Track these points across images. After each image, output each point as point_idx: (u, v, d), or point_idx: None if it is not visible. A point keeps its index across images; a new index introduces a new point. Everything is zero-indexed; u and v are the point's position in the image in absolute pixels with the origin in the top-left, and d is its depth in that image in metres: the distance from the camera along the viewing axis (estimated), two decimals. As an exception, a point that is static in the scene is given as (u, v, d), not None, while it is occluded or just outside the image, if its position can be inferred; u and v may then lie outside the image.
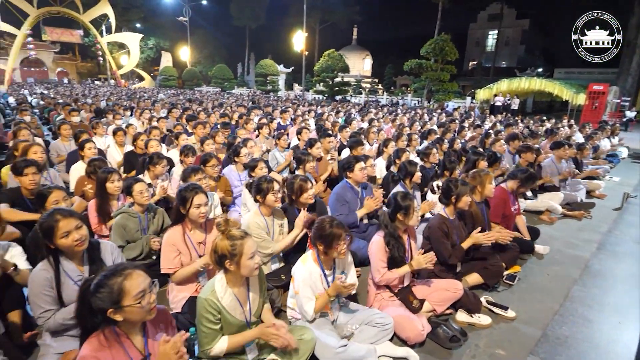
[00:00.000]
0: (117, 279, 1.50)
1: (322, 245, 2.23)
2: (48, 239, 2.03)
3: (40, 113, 12.00)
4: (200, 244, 2.59)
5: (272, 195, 2.82)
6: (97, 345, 1.53)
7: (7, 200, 3.32)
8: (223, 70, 37.22)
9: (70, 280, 2.10)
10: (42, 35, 39.62)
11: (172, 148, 5.42)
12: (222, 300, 1.97)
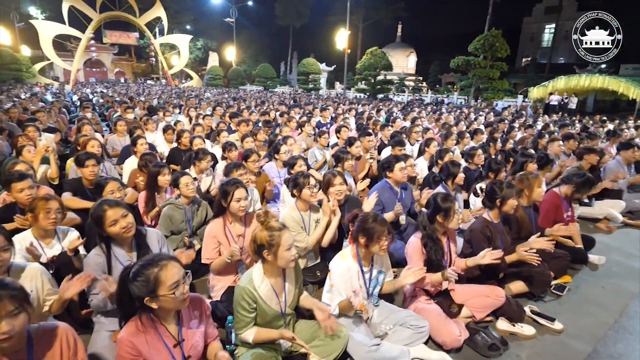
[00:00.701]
0: (153, 269, 1.58)
1: (363, 238, 2.22)
2: (99, 227, 2.21)
3: (100, 110, 13.01)
4: (239, 237, 2.69)
5: (308, 189, 2.86)
6: (134, 329, 1.64)
7: (70, 189, 3.64)
8: (266, 69, 38.09)
9: (120, 265, 2.27)
10: (103, 38, 42.96)
11: (216, 144, 5.65)
12: (258, 289, 2.04)
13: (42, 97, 15.33)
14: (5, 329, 1.36)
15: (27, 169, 3.41)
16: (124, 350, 1.59)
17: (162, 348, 1.67)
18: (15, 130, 6.94)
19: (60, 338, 1.59)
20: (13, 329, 1.38)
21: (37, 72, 31.93)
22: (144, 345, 1.63)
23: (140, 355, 1.62)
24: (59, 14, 32.70)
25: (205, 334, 1.87)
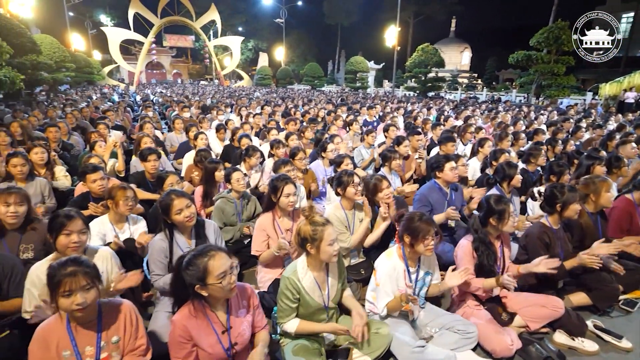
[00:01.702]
0: (203, 258, 1.67)
1: (409, 237, 2.19)
2: (165, 214, 2.40)
3: (159, 109, 13.97)
4: (287, 231, 2.77)
5: (352, 187, 2.86)
6: (187, 314, 1.75)
7: (134, 181, 3.97)
8: (314, 69, 38.41)
9: (180, 251, 2.45)
10: (163, 42, 46.00)
11: (265, 142, 5.83)
12: (302, 280, 2.09)
13: (110, 97, 16.79)
14: (79, 301, 1.55)
15: (99, 162, 3.78)
16: (177, 332, 1.71)
17: (211, 333, 1.76)
18: (88, 127, 7.69)
19: (125, 314, 1.76)
20: (85, 301, 1.56)
21: (106, 75, 34.92)
22: (195, 330, 1.73)
23: (191, 338, 1.73)
24: (125, 21, 35.54)
25: (252, 323, 1.94)
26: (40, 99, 14.04)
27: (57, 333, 1.63)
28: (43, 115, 8.21)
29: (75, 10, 35.42)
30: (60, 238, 2.12)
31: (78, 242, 2.16)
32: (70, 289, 1.54)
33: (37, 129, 6.58)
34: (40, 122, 7.28)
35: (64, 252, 2.15)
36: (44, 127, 6.14)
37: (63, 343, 1.62)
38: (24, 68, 12.20)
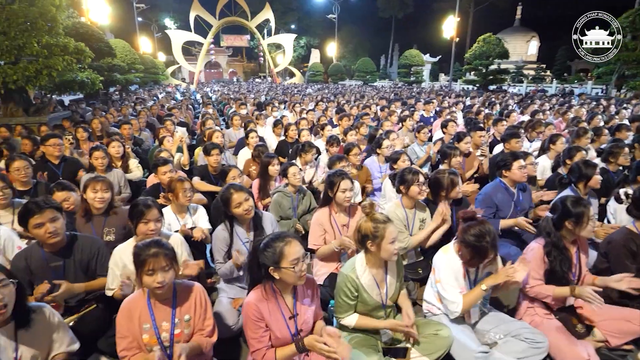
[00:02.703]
0: (280, 243, 1.75)
1: (470, 253, 2.09)
2: (225, 207, 2.53)
3: (217, 106, 14.68)
4: (344, 226, 2.78)
5: (417, 186, 2.79)
6: (259, 295, 1.83)
7: (198, 174, 4.22)
8: (366, 64, 37.90)
9: (240, 241, 2.57)
10: (220, 42, 48.14)
11: (318, 138, 5.89)
12: (360, 278, 2.09)
13: (174, 96, 17.97)
14: (159, 279, 1.71)
15: (168, 156, 4.07)
16: (250, 312, 1.79)
17: (279, 317, 1.83)
18: (155, 123, 8.32)
19: (196, 295, 1.89)
20: (165, 280, 1.72)
21: (169, 75, 37.41)
22: (266, 312, 1.81)
23: (262, 319, 1.80)
24: (187, 23, 37.79)
25: (314, 312, 1.99)
26: (115, 98, 15.43)
27: (139, 307, 1.80)
28: (117, 113, 9.02)
29: (144, 16, 38.33)
30: (139, 225, 2.34)
31: (154, 229, 2.36)
32: (153, 268, 1.69)
33: (113, 125, 7.24)
34: (115, 119, 8.00)
35: (143, 237, 2.35)
36: (119, 123, 6.75)
37: (144, 317, 1.78)
38: (101, 70, 13.48)
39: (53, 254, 2.32)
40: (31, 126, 6.92)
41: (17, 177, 3.50)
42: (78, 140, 5.59)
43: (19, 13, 6.49)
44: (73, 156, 4.77)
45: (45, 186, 3.68)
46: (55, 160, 4.37)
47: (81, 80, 8.54)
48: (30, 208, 2.20)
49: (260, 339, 1.80)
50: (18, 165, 3.53)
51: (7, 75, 6.55)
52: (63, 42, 7.52)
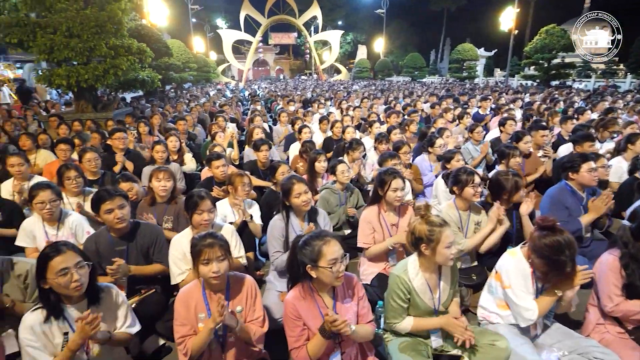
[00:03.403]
0: (318, 242, 1.74)
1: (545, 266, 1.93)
2: (285, 197, 2.59)
3: (265, 103, 15.02)
4: (393, 226, 2.71)
5: (472, 188, 2.65)
6: (298, 294, 1.83)
7: (248, 169, 4.33)
8: (415, 59, 36.67)
9: (294, 233, 2.61)
10: (268, 40, 49.18)
11: (365, 135, 5.81)
12: (413, 281, 2.02)
13: (224, 93, 18.69)
14: (215, 269, 1.77)
15: (221, 150, 4.22)
16: (289, 310, 1.81)
17: (318, 316, 1.81)
18: (207, 119, 8.70)
19: (247, 287, 1.94)
20: (219, 270, 1.78)
21: (220, 73, 38.92)
22: (304, 310, 1.81)
23: (300, 317, 1.81)
24: (237, 23, 39.05)
25: (357, 314, 1.94)
26: (171, 96, 16.36)
27: (195, 297, 1.88)
28: (173, 109, 9.54)
29: (197, 17, 40.13)
30: (194, 216, 2.45)
31: (208, 220, 2.46)
32: (208, 258, 1.76)
33: (169, 121, 7.67)
34: (171, 116, 8.47)
35: (198, 227, 2.46)
36: (175, 119, 7.13)
37: (200, 307, 1.86)
38: (159, 69, 14.32)
39: (119, 238, 2.51)
40: (99, 121, 7.52)
41: (87, 168, 3.82)
42: (140, 135, 6.00)
43: (90, 17, 7.06)
44: (136, 149, 5.11)
45: (111, 176, 3.99)
46: (120, 152, 4.71)
47: (142, 78, 9.12)
48: (103, 195, 2.39)
49: (298, 337, 1.80)
50: (89, 156, 3.85)
51: (80, 75, 7.16)
52: (127, 43, 8.08)
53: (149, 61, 9.17)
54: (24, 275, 2.22)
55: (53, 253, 1.69)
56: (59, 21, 6.86)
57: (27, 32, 6.81)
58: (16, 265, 2.22)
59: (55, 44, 6.85)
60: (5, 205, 3.30)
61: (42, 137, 5.34)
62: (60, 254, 1.69)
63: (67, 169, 3.29)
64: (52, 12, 7.07)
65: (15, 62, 21.54)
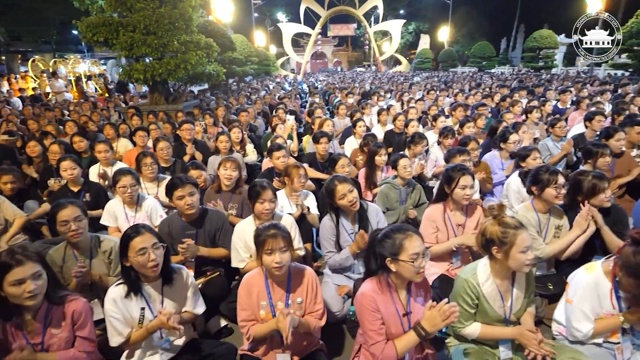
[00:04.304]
0: (400, 235, 1.68)
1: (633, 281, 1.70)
2: (330, 198, 2.54)
3: (322, 96, 15.05)
4: (459, 226, 2.56)
5: (554, 189, 2.39)
6: (374, 286, 1.78)
7: (307, 161, 4.37)
8: (484, 48, 34.09)
9: (345, 232, 2.58)
10: (328, 32, 49.10)
11: (428, 129, 5.55)
12: (482, 286, 1.89)
13: (282, 86, 19.08)
14: (277, 260, 1.79)
15: (282, 142, 4.30)
16: (367, 303, 1.74)
17: (393, 312, 1.76)
18: (267, 112, 8.94)
19: (308, 279, 1.95)
20: (282, 261, 1.80)
21: (279, 66, 39.78)
22: (381, 304, 1.76)
23: (379, 310, 1.75)
24: (297, 16, 39.48)
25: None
26: (233, 89, 17.09)
27: (258, 285, 1.93)
28: (235, 102, 9.94)
29: (259, 11, 41.33)
30: (256, 205, 2.52)
31: (269, 209, 2.51)
32: (271, 248, 1.79)
33: (232, 113, 8.01)
34: (234, 108, 8.84)
35: (260, 216, 2.53)
36: (237, 111, 7.42)
37: (262, 294, 1.91)
38: (224, 63, 15.00)
39: (189, 223, 2.67)
40: (170, 113, 8.08)
41: (160, 155, 4.11)
42: (206, 126, 6.34)
43: (165, 15, 7.57)
44: (202, 140, 5.41)
45: (181, 164, 4.26)
46: (188, 142, 5.01)
47: (208, 72, 9.60)
48: (175, 183, 2.55)
49: (379, 331, 1.73)
50: (162, 145, 4.14)
51: (155, 69, 7.73)
52: (196, 39, 8.54)
53: (215, 55, 9.62)
54: (108, 252, 2.45)
55: (133, 234, 1.84)
56: (138, 20, 7.44)
57: (111, 31, 7.47)
58: (102, 242, 2.46)
59: (135, 41, 7.45)
60: (92, 187, 3.67)
61: (122, 127, 5.89)
62: (139, 235, 1.83)
63: (144, 156, 3.57)
64: (132, 12, 7.69)
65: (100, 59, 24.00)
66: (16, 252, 1.68)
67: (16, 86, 15.65)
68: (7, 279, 1.63)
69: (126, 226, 2.97)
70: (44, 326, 1.77)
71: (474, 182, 2.50)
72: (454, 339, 2.06)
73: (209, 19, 17.10)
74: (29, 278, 1.65)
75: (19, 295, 1.64)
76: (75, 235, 2.29)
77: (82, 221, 2.33)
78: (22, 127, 7.06)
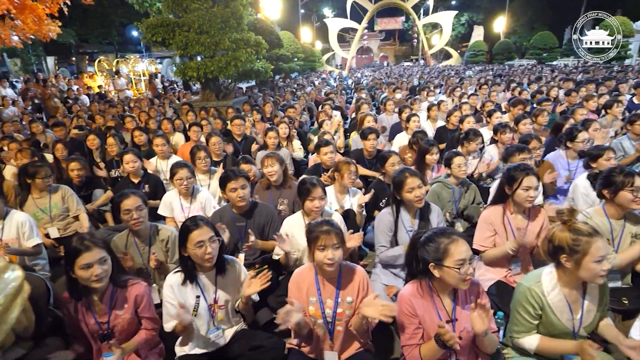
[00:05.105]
0: (445, 239, 1.61)
1: None
2: (396, 191, 2.48)
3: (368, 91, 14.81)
4: (519, 230, 2.37)
5: (630, 192, 2.15)
6: (414, 291, 1.73)
7: (354, 158, 4.29)
8: (545, 38, 31.31)
9: (404, 228, 2.51)
10: (374, 26, 48.19)
11: (482, 126, 5.25)
12: (547, 295, 1.74)
13: (328, 81, 19.06)
14: (330, 256, 1.78)
15: (330, 138, 4.28)
16: (404, 306, 1.72)
17: (435, 318, 1.70)
18: (313, 108, 8.97)
19: (359, 278, 1.92)
20: (334, 257, 1.78)
21: (324, 62, 39.72)
22: (421, 309, 1.71)
23: (415, 315, 1.71)
24: (343, 11, 39.16)
25: None
26: (280, 85, 17.38)
27: (308, 280, 1.92)
28: (282, 98, 10.09)
29: (305, 7, 41.59)
30: (306, 202, 2.52)
31: (319, 207, 2.51)
32: (324, 244, 1.77)
33: (279, 109, 8.13)
34: (280, 104, 8.97)
35: (309, 214, 2.53)
36: (284, 107, 7.52)
37: (311, 290, 1.90)
38: (272, 60, 15.27)
39: (240, 215, 2.75)
40: (220, 109, 8.39)
41: (213, 150, 4.27)
42: (254, 122, 6.49)
43: (217, 14, 7.84)
44: (251, 135, 5.55)
45: (232, 159, 4.39)
46: (238, 137, 5.16)
47: (257, 69, 9.83)
48: (229, 175, 2.63)
49: (412, 335, 1.72)
50: (214, 140, 4.30)
51: (207, 67, 8.05)
52: (246, 36, 8.76)
53: (263, 52, 9.81)
54: (165, 240, 2.58)
55: (192, 226, 1.91)
56: (192, 20, 7.78)
57: (168, 31, 7.88)
58: (160, 231, 2.60)
59: (189, 40, 7.80)
60: (151, 179, 3.90)
61: (177, 122, 6.21)
62: (198, 228, 1.90)
63: (198, 150, 3.73)
64: (187, 12, 8.05)
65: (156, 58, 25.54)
66: (85, 238, 1.83)
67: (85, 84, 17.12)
68: (77, 262, 1.77)
69: (181, 216, 3.15)
70: (109, 307, 1.90)
71: (538, 183, 2.31)
72: (513, 350, 1.92)
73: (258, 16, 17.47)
74: (96, 263, 1.79)
75: (87, 278, 1.78)
76: (136, 223, 2.44)
77: (143, 210, 2.48)
78: (90, 122, 7.69)
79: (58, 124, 5.92)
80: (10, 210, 2.88)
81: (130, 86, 16.66)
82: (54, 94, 11.42)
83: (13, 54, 20.32)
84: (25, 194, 3.43)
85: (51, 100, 10.59)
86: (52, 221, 3.44)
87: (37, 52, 21.39)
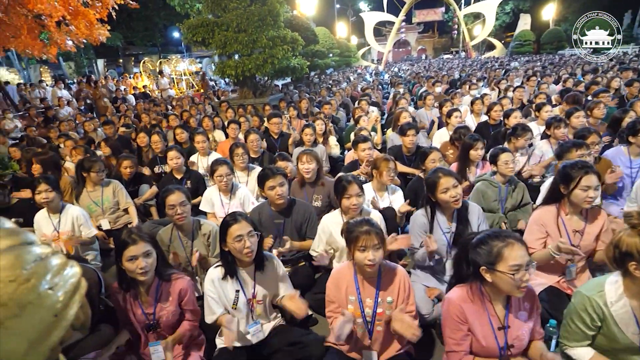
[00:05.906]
0: (499, 242, 1.51)
1: None
2: (430, 192, 2.36)
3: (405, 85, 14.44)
4: (575, 232, 2.21)
5: None
6: (463, 295, 1.64)
7: (392, 154, 4.19)
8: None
9: (440, 230, 2.39)
10: (412, 19, 46.82)
11: (531, 120, 4.93)
12: (611, 307, 1.59)
13: (364, 77, 18.81)
14: (370, 257, 1.73)
15: (367, 134, 4.20)
16: (452, 311, 1.64)
17: (485, 325, 1.62)
18: (349, 103, 8.87)
19: (400, 278, 1.86)
20: (375, 258, 1.73)
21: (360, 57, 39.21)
22: (471, 314, 1.63)
23: (466, 321, 1.63)
24: (380, 4, 38.37)
25: (532, 330, 1.68)
26: (315, 81, 17.39)
27: (347, 279, 1.89)
28: (317, 95, 10.07)
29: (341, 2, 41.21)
30: (343, 200, 2.48)
31: (356, 204, 2.46)
32: (365, 245, 1.73)
33: (315, 105, 8.12)
34: (316, 100, 8.96)
35: (347, 212, 2.49)
36: (320, 104, 7.49)
37: (350, 289, 1.87)
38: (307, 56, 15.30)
39: (278, 212, 2.76)
40: (257, 106, 8.51)
41: (251, 147, 4.33)
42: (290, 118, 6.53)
43: (255, 13, 7.94)
44: (288, 132, 5.58)
45: (269, 156, 4.44)
46: (275, 135, 5.21)
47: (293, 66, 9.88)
48: (267, 173, 2.65)
49: (460, 342, 1.64)
50: (252, 137, 4.36)
51: (245, 65, 8.19)
52: (283, 34, 8.81)
53: (299, 49, 9.83)
54: (207, 235, 2.65)
55: (232, 221, 1.94)
56: (231, 19, 7.93)
57: (207, 31, 8.10)
58: (202, 226, 2.67)
59: (228, 39, 7.96)
60: (193, 175, 4.03)
61: (216, 120, 6.37)
62: (237, 223, 1.93)
63: (236, 147, 3.79)
64: (226, 12, 8.22)
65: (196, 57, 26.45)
66: (132, 232, 1.91)
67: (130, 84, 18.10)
68: (125, 254, 1.86)
69: (221, 212, 3.23)
70: (155, 300, 1.98)
71: (599, 182, 2.12)
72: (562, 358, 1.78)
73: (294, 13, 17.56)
74: (141, 256, 1.86)
75: (133, 270, 1.87)
76: (180, 218, 2.52)
77: (187, 206, 2.56)
78: (135, 121, 8.10)
79: (107, 122, 6.28)
80: (65, 205, 3.10)
81: (172, 85, 17.35)
82: (104, 94, 12.17)
83: (68, 57, 21.98)
84: (80, 187, 3.68)
85: (101, 100, 11.31)
86: (104, 214, 3.66)
87: (89, 55, 22.94)
